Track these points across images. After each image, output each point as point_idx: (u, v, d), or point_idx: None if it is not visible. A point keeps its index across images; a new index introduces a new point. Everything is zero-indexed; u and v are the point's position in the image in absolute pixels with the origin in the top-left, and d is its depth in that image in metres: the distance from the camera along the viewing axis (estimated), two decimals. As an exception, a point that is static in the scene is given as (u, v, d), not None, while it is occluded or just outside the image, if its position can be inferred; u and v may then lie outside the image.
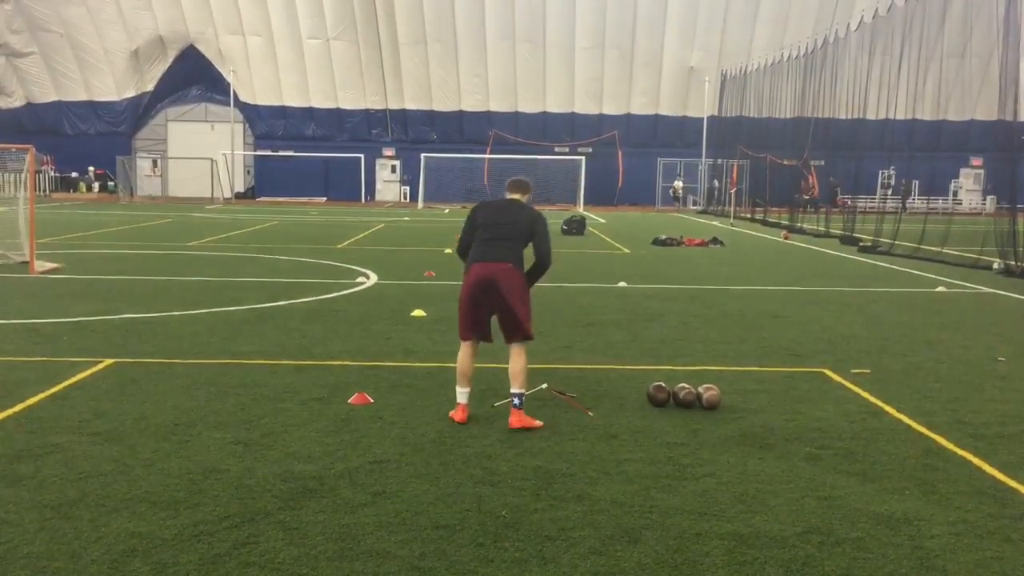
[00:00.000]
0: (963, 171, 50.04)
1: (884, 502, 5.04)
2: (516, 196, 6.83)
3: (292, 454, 5.69)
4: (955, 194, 49.26)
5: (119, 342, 9.22)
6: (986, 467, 5.67)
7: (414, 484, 5.20)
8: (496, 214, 6.67)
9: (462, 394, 6.54)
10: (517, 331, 6.50)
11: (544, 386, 7.12)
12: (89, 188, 50.20)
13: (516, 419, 6.33)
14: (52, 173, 48.99)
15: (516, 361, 6.46)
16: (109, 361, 8.25)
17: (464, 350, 6.58)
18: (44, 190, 46.20)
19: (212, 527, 4.52)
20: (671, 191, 48.15)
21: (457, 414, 6.49)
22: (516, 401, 6.37)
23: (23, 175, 16.96)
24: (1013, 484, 5.36)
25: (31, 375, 7.66)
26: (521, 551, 4.30)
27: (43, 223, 24.17)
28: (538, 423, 6.37)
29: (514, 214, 6.66)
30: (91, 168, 50.28)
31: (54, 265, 15.74)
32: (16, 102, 49.91)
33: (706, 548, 4.38)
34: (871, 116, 28.14)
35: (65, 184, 49.91)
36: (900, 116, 27.52)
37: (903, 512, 4.90)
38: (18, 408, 6.63)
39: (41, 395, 7.00)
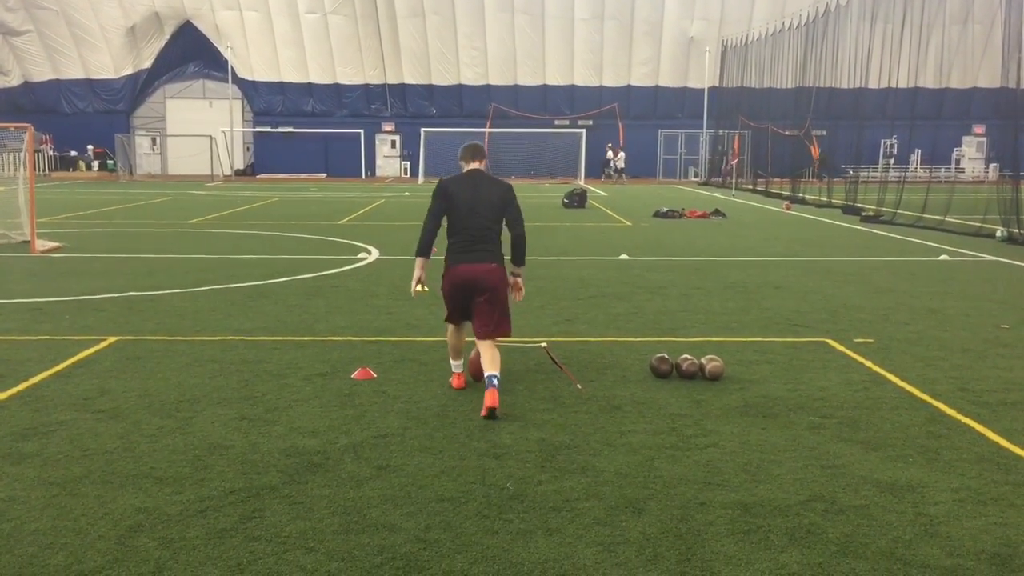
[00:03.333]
0: (965, 139, 49.82)
1: (887, 470, 5.05)
2: (477, 165, 6.59)
3: (296, 429, 5.71)
4: (958, 162, 49.09)
5: (121, 320, 9.23)
6: (989, 434, 5.68)
7: (418, 457, 5.22)
8: (472, 194, 6.41)
9: (456, 366, 6.78)
10: (496, 330, 6.39)
11: (544, 345, 7.22)
12: (88, 167, 50.08)
13: (494, 398, 6.09)
14: (51, 152, 48.85)
15: (490, 351, 6.28)
16: (112, 339, 8.26)
17: (453, 330, 6.74)
18: (43, 169, 46.11)
19: (218, 502, 4.54)
20: (611, 163, 47.33)
21: (455, 380, 6.74)
22: (495, 382, 6.17)
23: (22, 154, 16.90)
24: (1016, 451, 5.37)
25: (34, 354, 7.67)
26: (526, 523, 4.32)
27: (43, 202, 24.13)
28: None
29: (489, 192, 6.47)
30: (90, 147, 50.13)
31: (55, 244, 15.73)
32: (13, 81, 49.69)
33: (710, 517, 4.39)
34: (873, 85, 27.97)
35: (64, 163, 49.77)
36: (902, 84, 27.35)
37: (906, 479, 4.91)
38: (22, 387, 6.65)
39: (45, 373, 7.01)
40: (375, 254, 14.86)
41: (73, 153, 50.24)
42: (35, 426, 5.73)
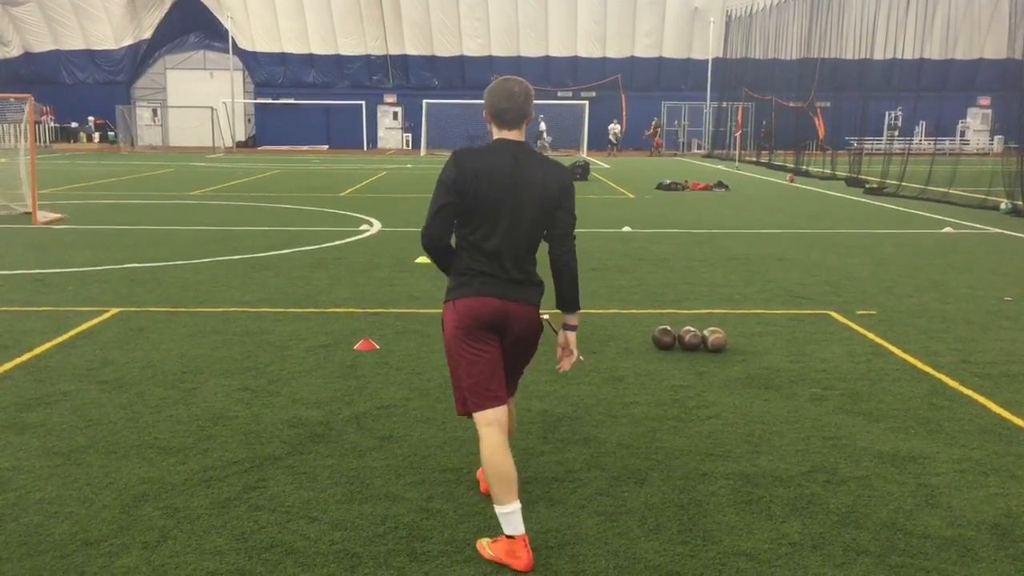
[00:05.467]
0: (971, 111, 49.53)
1: (889, 441, 5.06)
2: (513, 135, 3.74)
3: (299, 400, 5.72)
4: (963, 134, 48.82)
5: (124, 291, 9.23)
6: (991, 405, 5.68)
7: (421, 428, 5.23)
8: (510, 182, 3.66)
9: (511, 516, 3.62)
10: (515, 384, 4.15)
11: (545, 317, 7.21)
12: (89, 138, 49.95)
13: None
14: (52, 123, 48.72)
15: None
16: (115, 310, 8.27)
17: (493, 433, 3.72)
18: (44, 141, 46.01)
19: (221, 472, 4.56)
20: (611, 135, 47.13)
21: (520, 557, 3.55)
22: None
23: (23, 125, 16.85)
24: (1018, 422, 5.38)
25: (37, 324, 7.68)
26: (529, 493, 4.33)
27: (44, 174, 24.08)
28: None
29: (544, 180, 3.72)
30: (91, 118, 49.98)
31: (57, 215, 15.71)
32: (13, 52, 49.46)
33: (712, 488, 4.41)
34: (878, 56, 27.75)
35: (65, 134, 49.66)
36: (907, 56, 27.15)
37: (908, 450, 4.92)
38: (26, 357, 6.66)
39: (48, 344, 7.03)
40: (377, 226, 14.83)
41: (74, 124, 50.11)
42: (39, 396, 5.75)
